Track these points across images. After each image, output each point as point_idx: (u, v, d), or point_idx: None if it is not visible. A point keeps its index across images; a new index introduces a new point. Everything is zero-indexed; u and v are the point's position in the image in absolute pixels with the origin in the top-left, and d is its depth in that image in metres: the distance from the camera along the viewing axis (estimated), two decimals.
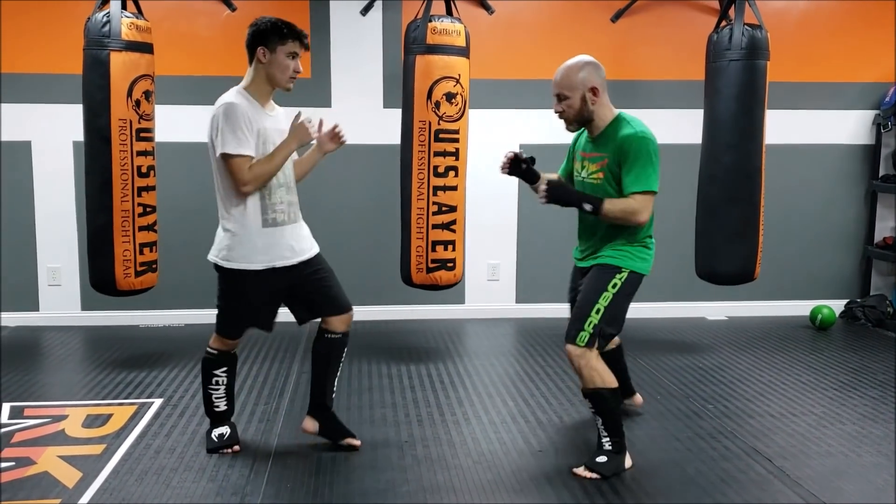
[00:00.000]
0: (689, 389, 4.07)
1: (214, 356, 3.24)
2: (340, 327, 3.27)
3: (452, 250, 4.53)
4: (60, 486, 2.92)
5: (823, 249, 5.74)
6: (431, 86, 4.38)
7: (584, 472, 3.03)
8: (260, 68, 3.05)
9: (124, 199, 4.24)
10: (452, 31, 4.39)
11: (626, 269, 3.07)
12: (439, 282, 4.55)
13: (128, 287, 4.35)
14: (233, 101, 2.98)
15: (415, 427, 3.53)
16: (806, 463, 3.17)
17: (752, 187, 4.54)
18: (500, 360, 4.58)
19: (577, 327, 3.02)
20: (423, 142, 4.42)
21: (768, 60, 4.47)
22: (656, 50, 5.44)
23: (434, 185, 4.44)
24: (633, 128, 2.99)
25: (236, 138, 2.95)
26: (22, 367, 4.35)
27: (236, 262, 3.05)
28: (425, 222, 4.47)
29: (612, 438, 3.04)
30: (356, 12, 5.22)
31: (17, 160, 5.13)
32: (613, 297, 3.04)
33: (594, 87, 3.01)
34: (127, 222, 4.26)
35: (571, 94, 3.02)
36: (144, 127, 4.29)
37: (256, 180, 2.99)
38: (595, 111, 3.05)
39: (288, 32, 3.02)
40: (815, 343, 5.01)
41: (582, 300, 3.08)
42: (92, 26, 4.16)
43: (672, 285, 5.58)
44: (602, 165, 3.05)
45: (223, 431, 3.28)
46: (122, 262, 4.28)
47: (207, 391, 3.27)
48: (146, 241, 4.35)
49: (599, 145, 3.08)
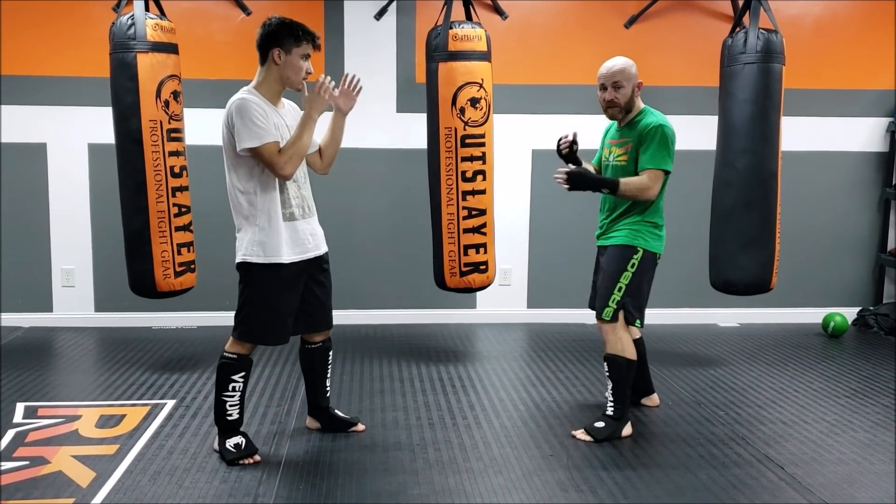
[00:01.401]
0: (700, 395, 4.06)
1: (234, 360, 3.16)
2: (319, 339, 3.41)
3: (484, 253, 4.55)
4: (74, 485, 2.94)
5: (836, 257, 5.73)
6: (455, 92, 4.40)
7: (582, 434, 3.44)
8: (274, 69, 3.06)
9: (160, 199, 4.24)
10: (474, 37, 4.41)
11: (640, 248, 3.45)
12: (473, 284, 4.59)
13: (168, 288, 4.33)
14: (245, 97, 3.01)
15: (426, 430, 3.54)
16: (818, 470, 3.16)
17: (768, 192, 4.45)
18: (511, 365, 4.58)
19: (603, 304, 3.45)
20: (450, 148, 4.44)
21: (784, 65, 4.45)
22: (669, 56, 5.44)
23: (463, 190, 4.46)
24: (655, 118, 3.45)
25: (257, 128, 2.95)
26: (36, 368, 4.38)
27: (270, 257, 3.06)
28: (456, 227, 4.49)
29: (616, 405, 3.45)
30: (370, 17, 5.24)
31: (32, 162, 5.17)
32: (633, 275, 3.44)
33: (640, 82, 3.50)
34: (163, 223, 4.26)
35: (627, 84, 3.45)
36: (175, 127, 4.30)
37: (292, 161, 3.00)
38: (635, 102, 3.50)
39: (302, 34, 3.04)
40: (828, 351, 4.99)
41: (605, 280, 3.49)
42: (117, 30, 4.18)
43: (684, 292, 5.57)
44: (627, 149, 3.47)
45: (238, 441, 3.19)
46: (161, 263, 4.28)
47: (221, 398, 3.16)
48: (183, 241, 4.35)
49: (626, 132, 3.50)
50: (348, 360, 4.61)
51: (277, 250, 3.07)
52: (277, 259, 3.07)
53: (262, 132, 2.96)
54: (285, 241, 3.08)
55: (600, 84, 3.50)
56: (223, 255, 5.04)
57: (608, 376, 3.45)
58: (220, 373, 3.18)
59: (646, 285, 3.50)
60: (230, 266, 3.23)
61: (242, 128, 2.95)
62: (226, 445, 3.18)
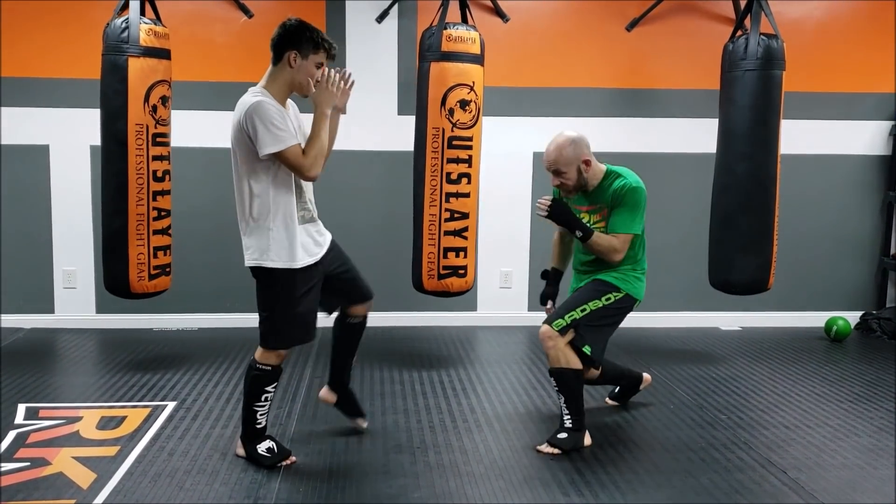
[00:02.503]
0: (702, 399, 4.05)
1: (268, 371, 3.09)
2: (362, 311, 3.39)
3: (464, 257, 4.53)
4: (75, 486, 2.94)
5: (839, 260, 5.71)
6: (446, 93, 4.39)
7: (547, 448, 3.31)
8: (286, 72, 2.98)
9: (139, 202, 4.27)
10: (467, 39, 4.40)
11: (623, 290, 3.38)
12: (450, 288, 4.55)
13: (141, 290, 4.37)
14: (261, 99, 2.90)
15: (427, 433, 3.53)
16: (821, 475, 3.14)
17: (767, 197, 4.51)
18: (511, 368, 4.57)
19: (558, 315, 3.32)
20: (437, 148, 4.43)
21: (784, 70, 4.45)
22: (671, 59, 5.44)
23: (447, 192, 4.45)
24: (625, 179, 3.34)
25: (279, 131, 2.87)
26: (37, 369, 4.38)
27: (294, 261, 3.00)
28: (437, 229, 4.47)
29: (573, 417, 3.34)
30: (372, 19, 5.25)
31: (34, 163, 5.17)
32: (603, 306, 3.35)
33: (586, 159, 3.34)
34: (142, 226, 4.28)
35: (567, 170, 3.34)
36: (161, 132, 4.32)
37: (317, 162, 2.95)
38: (588, 178, 3.38)
39: (322, 42, 2.98)
40: (830, 355, 4.97)
41: (572, 299, 3.40)
42: (111, 32, 4.20)
43: (685, 295, 5.57)
44: (602, 216, 3.39)
45: (271, 445, 3.15)
46: (136, 265, 4.30)
47: (253, 408, 3.12)
48: (160, 244, 4.37)
49: (595, 198, 3.41)
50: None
51: (299, 253, 3.01)
52: (300, 262, 3.02)
53: (285, 135, 2.88)
54: (305, 243, 3.04)
55: (546, 169, 3.42)
56: (224, 256, 5.07)
57: (558, 391, 3.36)
58: (253, 384, 3.10)
59: (609, 327, 3.39)
60: (231, 268, 3.23)
61: (265, 132, 2.86)
62: (258, 451, 3.13)
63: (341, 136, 3.29)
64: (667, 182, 5.38)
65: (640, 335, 5.21)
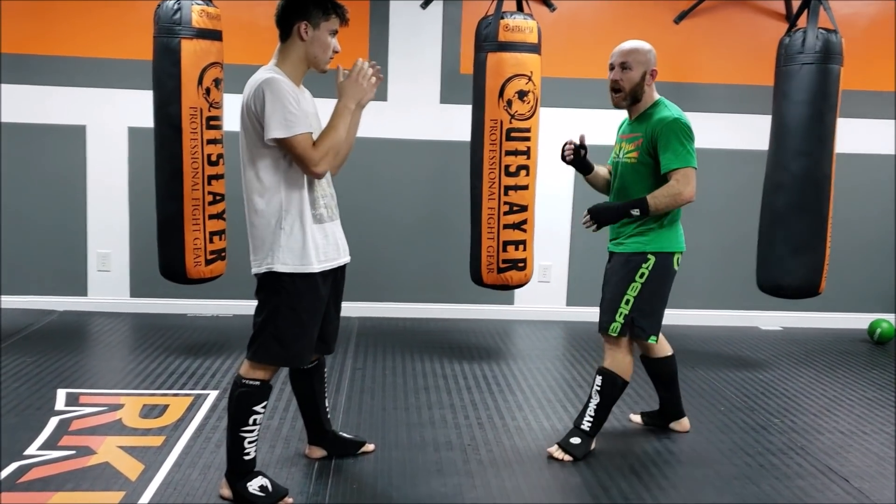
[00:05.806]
0: (752, 402, 3.96)
1: (256, 388, 2.68)
2: (314, 357, 2.96)
3: (523, 250, 4.45)
4: (123, 478, 2.87)
5: (883, 261, 5.60)
6: (504, 84, 4.29)
7: (559, 452, 3.16)
8: (298, 46, 2.66)
9: (195, 187, 4.19)
10: (525, 28, 4.30)
11: (651, 254, 3.10)
12: (510, 282, 4.48)
13: (198, 276, 4.32)
14: (273, 76, 2.57)
15: (476, 430, 3.46)
16: (886, 485, 3.05)
17: (821, 196, 4.38)
18: (553, 364, 4.50)
19: (609, 318, 3.14)
20: (495, 141, 4.33)
21: (842, 66, 4.34)
22: (719, 53, 5.33)
23: (505, 185, 4.36)
24: (669, 111, 3.10)
25: (290, 114, 2.52)
26: (73, 352, 4.33)
27: (303, 265, 2.64)
28: (496, 222, 4.39)
29: (594, 421, 3.17)
30: (416, 5, 5.14)
31: (71, 144, 5.11)
32: (642, 285, 3.11)
33: (654, 69, 3.16)
34: (197, 210, 4.21)
35: (635, 68, 3.12)
36: (214, 115, 4.24)
37: (327, 157, 2.58)
38: (645, 91, 3.16)
39: (331, 6, 2.65)
40: (876, 358, 4.87)
41: (611, 290, 3.18)
42: (163, 14, 4.11)
43: (726, 293, 5.47)
44: (637, 145, 3.14)
45: (263, 483, 2.72)
46: (193, 250, 4.24)
47: (239, 435, 2.67)
48: (216, 229, 4.31)
49: (637, 126, 3.18)
50: (389, 354, 4.54)
51: (309, 257, 2.63)
52: (310, 268, 2.64)
53: (295, 119, 2.53)
54: (317, 246, 2.66)
55: (609, 63, 3.17)
56: None
57: (598, 391, 3.15)
58: (237, 404, 2.68)
59: (658, 297, 3.15)
60: None
61: (273, 113, 2.51)
62: (249, 490, 2.69)
63: (382, 124, 3.17)
64: (708, 178, 5.25)
65: (679, 333, 5.10)
